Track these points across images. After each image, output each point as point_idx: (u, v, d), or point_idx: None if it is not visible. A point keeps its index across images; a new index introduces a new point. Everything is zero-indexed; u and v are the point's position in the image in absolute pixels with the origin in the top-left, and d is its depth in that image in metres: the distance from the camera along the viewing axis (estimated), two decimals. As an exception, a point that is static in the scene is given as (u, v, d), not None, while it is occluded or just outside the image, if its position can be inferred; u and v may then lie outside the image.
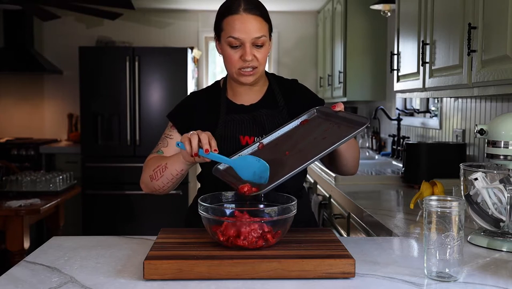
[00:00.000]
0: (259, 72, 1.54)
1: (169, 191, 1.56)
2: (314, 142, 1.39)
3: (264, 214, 1.28)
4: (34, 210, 3.10)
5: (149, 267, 1.14)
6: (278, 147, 1.45)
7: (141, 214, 4.79)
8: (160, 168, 1.49)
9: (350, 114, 1.41)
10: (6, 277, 1.19)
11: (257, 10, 1.49)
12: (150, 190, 1.56)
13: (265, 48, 1.51)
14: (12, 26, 5.02)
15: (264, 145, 1.47)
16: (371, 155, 3.96)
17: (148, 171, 1.53)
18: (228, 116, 1.57)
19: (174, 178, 1.49)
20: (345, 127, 1.36)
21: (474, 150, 2.59)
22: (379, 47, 4.17)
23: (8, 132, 5.44)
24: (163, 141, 1.60)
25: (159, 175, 1.49)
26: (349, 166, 1.57)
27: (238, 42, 1.48)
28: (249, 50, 1.48)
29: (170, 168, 1.47)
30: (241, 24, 1.47)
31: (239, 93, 1.61)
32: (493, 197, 1.42)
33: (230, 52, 1.50)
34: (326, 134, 1.38)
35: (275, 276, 1.14)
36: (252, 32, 1.47)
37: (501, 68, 1.64)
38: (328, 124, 1.43)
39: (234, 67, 1.52)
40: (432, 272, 1.16)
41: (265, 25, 1.50)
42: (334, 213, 2.78)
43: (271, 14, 1.57)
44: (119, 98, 4.76)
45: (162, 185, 1.51)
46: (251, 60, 1.49)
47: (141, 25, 5.49)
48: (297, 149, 1.40)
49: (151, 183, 1.53)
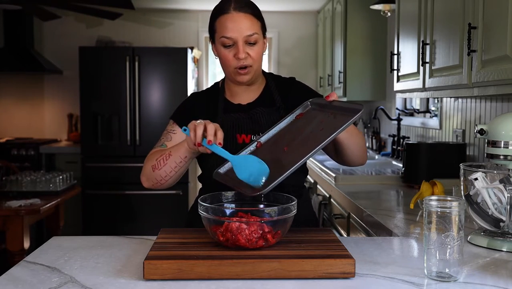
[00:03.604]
0: (255, 71, 1.54)
1: (170, 184, 1.54)
2: (311, 135, 1.38)
3: (264, 214, 1.28)
4: (34, 210, 3.10)
5: (149, 267, 1.14)
6: (276, 144, 1.45)
7: (141, 214, 4.79)
8: (163, 156, 1.48)
9: (344, 103, 1.40)
10: (6, 277, 1.19)
11: (248, 9, 1.50)
12: (151, 182, 1.54)
13: (258, 46, 1.52)
14: (12, 26, 5.02)
15: (262, 143, 1.47)
16: (371, 155, 3.96)
17: (150, 162, 1.52)
18: (225, 115, 1.58)
19: (177, 166, 1.47)
20: (341, 116, 1.35)
21: (474, 150, 2.59)
22: (379, 47, 4.17)
23: (8, 132, 5.44)
24: (166, 136, 1.60)
25: (162, 164, 1.48)
26: (355, 155, 1.55)
27: (230, 41, 1.49)
28: (242, 48, 1.49)
29: (174, 154, 1.45)
30: (232, 23, 1.48)
31: (236, 93, 1.62)
32: (493, 197, 1.42)
33: (224, 52, 1.51)
34: (322, 126, 1.37)
35: (275, 276, 1.14)
36: (243, 30, 1.48)
37: (501, 68, 1.64)
38: (324, 116, 1.42)
39: (230, 66, 1.52)
40: (432, 272, 1.16)
41: (256, 22, 1.51)
42: (334, 213, 2.78)
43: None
44: (119, 98, 4.76)
45: (164, 175, 1.49)
46: (245, 58, 1.49)
47: (141, 25, 5.49)
48: (295, 143, 1.39)
49: (153, 173, 1.50)
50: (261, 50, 1.54)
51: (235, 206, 1.36)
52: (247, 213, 1.29)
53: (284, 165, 1.32)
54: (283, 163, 1.33)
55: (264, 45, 1.56)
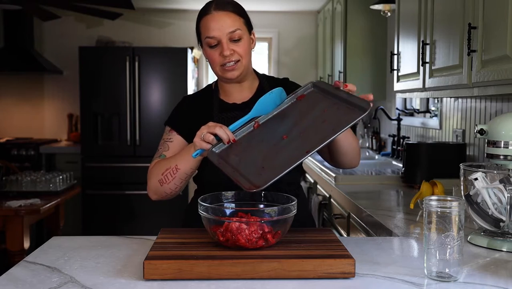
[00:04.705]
0: (244, 66, 1.54)
1: (179, 192, 1.56)
2: (313, 126, 1.34)
3: (264, 214, 1.28)
4: (34, 210, 3.10)
5: (149, 267, 1.14)
6: (274, 128, 1.42)
7: (141, 214, 4.79)
8: (170, 170, 1.48)
9: (350, 96, 1.34)
10: (6, 277, 1.19)
11: (229, 6, 1.51)
12: (160, 195, 1.54)
13: (243, 41, 1.52)
14: (12, 26, 5.02)
15: (260, 124, 1.45)
16: (371, 155, 3.96)
17: (155, 176, 1.51)
18: (221, 114, 1.58)
19: (188, 176, 1.49)
20: (345, 110, 1.31)
21: (474, 150, 2.59)
22: (379, 47, 4.17)
23: (8, 132, 5.44)
24: (163, 146, 1.60)
25: (170, 178, 1.48)
26: (349, 156, 1.54)
27: (215, 40, 1.50)
28: (226, 45, 1.49)
29: (183, 167, 1.46)
30: (213, 22, 1.49)
31: (230, 92, 1.62)
32: (493, 197, 1.42)
33: (210, 52, 1.53)
34: (325, 118, 1.34)
35: (275, 276, 1.14)
36: (225, 27, 1.48)
37: (501, 68, 1.64)
38: (327, 104, 1.38)
39: (217, 65, 1.53)
40: (432, 272, 1.16)
41: (238, 19, 1.51)
42: (334, 213, 2.78)
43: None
44: (119, 98, 4.76)
45: (174, 187, 1.50)
46: (230, 55, 1.50)
47: (141, 25, 5.49)
48: (295, 132, 1.36)
49: (161, 187, 1.51)
50: (248, 46, 1.53)
51: (235, 206, 1.36)
52: (247, 213, 1.29)
53: (282, 156, 1.30)
54: (281, 153, 1.31)
55: (250, 41, 1.56)
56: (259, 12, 5.37)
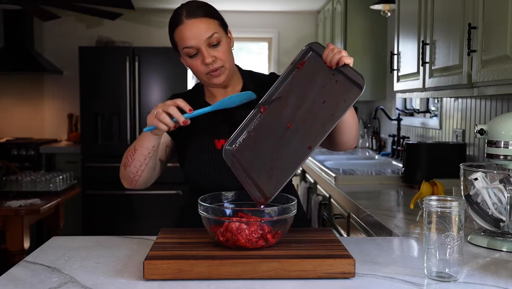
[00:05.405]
0: (228, 69, 1.52)
1: (145, 181, 1.54)
2: (314, 109, 1.34)
3: (264, 214, 1.28)
4: (34, 210, 3.10)
5: (149, 267, 1.14)
6: (279, 110, 1.42)
7: (141, 214, 4.79)
8: (130, 152, 1.48)
9: (346, 68, 1.34)
10: (6, 277, 1.19)
11: (199, 12, 1.47)
12: (127, 181, 1.54)
13: (223, 44, 1.49)
14: (12, 26, 5.02)
15: (266, 108, 1.46)
16: (371, 155, 3.96)
17: (122, 162, 1.53)
18: (204, 118, 1.51)
19: (146, 157, 1.47)
20: (343, 84, 1.31)
21: (474, 150, 2.59)
22: (379, 47, 4.17)
23: (8, 132, 5.44)
24: None
25: (130, 160, 1.48)
26: (345, 135, 1.49)
27: (193, 50, 1.47)
28: (207, 53, 1.46)
29: (140, 148, 1.46)
30: (188, 31, 1.45)
31: (214, 95, 1.60)
32: (493, 197, 1.42)
33: (191, 62, 1.50)
34: (324, 97, 1.33)
35: (275, 276, 1.14)
36: (201, 34, 1.45)
37: (501, 68, 1.64)
38: (325, 77, 1.36)
39: (201, 74, 1.51)
40: (432, 272, 1.16)
41: (212, 22, 1.48)
42: (334, 213, 2.78)
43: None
44: (119, 98, 4.76)
45: (135, 170, 1.49)
46: (212, 62, 1.47)
47: (141, 25, 5.49)
48: (298, 119, 1.36)
49: (125, 171, 1.51)
50: (228, 47, 1.51)
51: (235, 206, 1.36)
52: (247, 213, 1.29)
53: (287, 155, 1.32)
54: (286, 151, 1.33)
55: (229, 40, 1.53)
56: (259, 12, 5.36)
